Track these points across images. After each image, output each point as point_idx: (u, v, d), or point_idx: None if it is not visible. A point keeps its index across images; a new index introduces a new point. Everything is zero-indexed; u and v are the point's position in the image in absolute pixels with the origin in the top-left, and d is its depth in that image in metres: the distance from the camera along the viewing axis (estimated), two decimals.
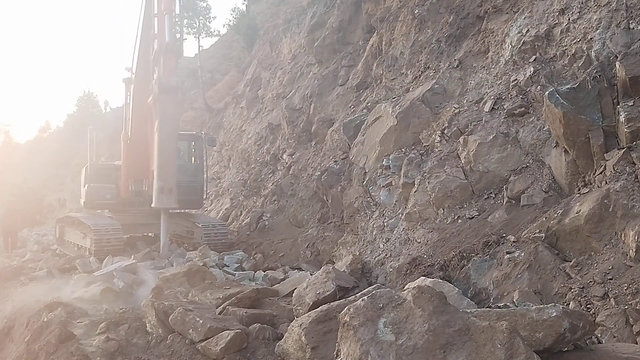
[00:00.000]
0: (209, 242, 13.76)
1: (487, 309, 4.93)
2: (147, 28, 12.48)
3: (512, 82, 9.82)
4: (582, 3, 9.04)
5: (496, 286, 7.29)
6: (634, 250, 6.20)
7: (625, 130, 7.11)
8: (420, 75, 12.66)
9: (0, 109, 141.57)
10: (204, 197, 16.39)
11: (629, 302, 5.81)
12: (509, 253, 7.52)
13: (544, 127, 8.83)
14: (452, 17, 12.41)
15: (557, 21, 9.43)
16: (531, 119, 9.21)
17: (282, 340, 5.96)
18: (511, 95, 9.74)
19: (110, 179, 15.27)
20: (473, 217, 9.14)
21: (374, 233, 10.88)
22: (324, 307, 6.06)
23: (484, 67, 10.99)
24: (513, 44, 10.17)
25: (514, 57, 10.07)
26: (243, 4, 36.41)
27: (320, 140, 16.15)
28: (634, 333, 5.53)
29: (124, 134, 14.98)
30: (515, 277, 7.16)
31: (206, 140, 16.19)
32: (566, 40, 9.11)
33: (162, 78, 10.02)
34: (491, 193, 9.26)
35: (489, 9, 11.38)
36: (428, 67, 12.47)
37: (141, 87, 13.51)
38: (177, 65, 10.84)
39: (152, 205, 10.18)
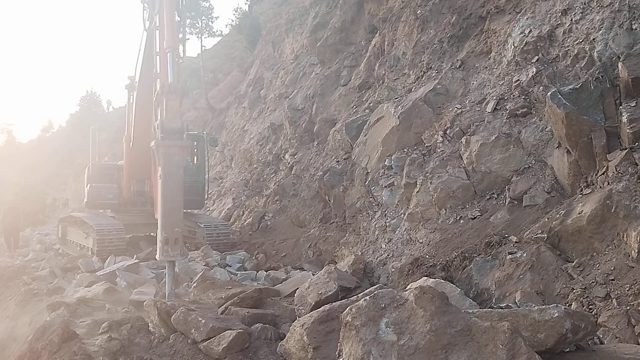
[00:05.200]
0: (211, 242, 13.80)
1: (489, 309, 4.93)
2: (150, 44, 12.19)
3: (515, 82, 9.81)
4: (584, 4, 9.03)
5: (498, 287, 7.28)
6: (636, 251, 6.19)
7: (628, 131, 7.10)
8: (422, 76, 12.66)
9: (3, 109, 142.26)
10: (206, 197, 16.42)
11: (631, 303, 5.81)
12: (511, 253, 7.51)
13: (546, 127, 8.83)
14: (454, 17, 12.41)
15: (559, 22, 9.42)
16: (533, 120, 9.21)
17: (284, 340, 5.96)
18: (513, 95, 9.74)
19: (113, 179, 15.32)
20: (475, 218, 9.13)
21: (376, 233, 10.88)
22: (326, 307, 6.06)
23: (486, 67, 10.98)
24: (515, 45, 10.16)
25: (516, 58, 10.06)
26: (245, 4, 36.58)
27: (322, 140, 16.16)
28: (636, 334, 5.53)
29: (127, 135, 15.06)
30: (517, 277, 7.14)
31: (208, 141, 16.22)
32: (569, 40, 9.10)
33: (165, 122, 8.99)
34: (493, 193, 9.25)
35: (491, 9, 11.38)
36: (430, 68, 12.47)
37: (143, 93, 13.66)
38: (180, 106, 9.84)
39: (157, 257, 9.31)
